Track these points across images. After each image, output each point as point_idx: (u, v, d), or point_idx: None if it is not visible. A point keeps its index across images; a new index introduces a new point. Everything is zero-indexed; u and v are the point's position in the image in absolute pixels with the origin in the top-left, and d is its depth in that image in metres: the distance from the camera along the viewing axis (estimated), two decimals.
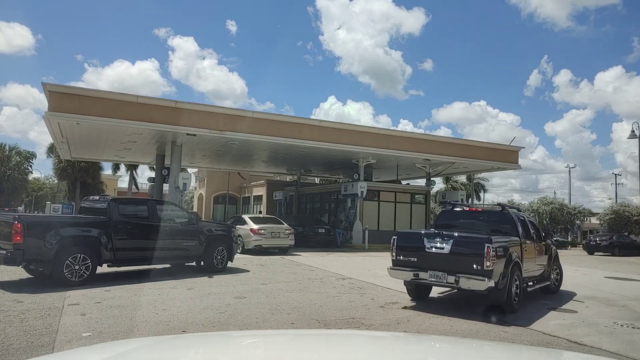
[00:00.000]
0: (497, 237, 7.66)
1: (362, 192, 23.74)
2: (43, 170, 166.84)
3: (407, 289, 8.68)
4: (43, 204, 50.04)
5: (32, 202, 63.71)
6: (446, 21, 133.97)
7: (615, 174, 52.50)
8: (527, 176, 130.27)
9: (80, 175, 40.68)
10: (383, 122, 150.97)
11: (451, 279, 7.39)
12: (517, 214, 9.18)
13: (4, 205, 43.10)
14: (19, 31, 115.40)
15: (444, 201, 27.60)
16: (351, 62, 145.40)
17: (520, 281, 8.02)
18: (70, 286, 8.58)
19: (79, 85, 65.02)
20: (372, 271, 12.80)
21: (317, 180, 41.48)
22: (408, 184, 33.63)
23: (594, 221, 50.54)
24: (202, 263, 11.51)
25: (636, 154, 32.02)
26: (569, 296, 9.93)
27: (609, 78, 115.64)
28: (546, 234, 10.28)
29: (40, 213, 39.51)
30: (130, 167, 44.12)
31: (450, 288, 8.40)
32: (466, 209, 9.79)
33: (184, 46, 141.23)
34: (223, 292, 8.74)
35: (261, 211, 37.10)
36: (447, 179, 47.81)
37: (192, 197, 53.62)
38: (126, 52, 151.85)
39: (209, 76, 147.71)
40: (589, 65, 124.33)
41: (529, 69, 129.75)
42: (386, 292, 9.46)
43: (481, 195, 55.82)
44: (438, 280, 7.57)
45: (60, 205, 35.46)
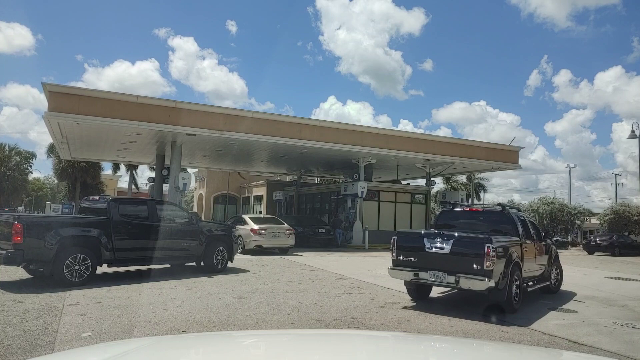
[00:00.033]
0: (497, 237, 7.67)
1: (362, 192, 23.74)
2: (43, 170, 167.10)
3: (407, 289, 8.68)
4: (43, 204, 50.10)
5: (32, 202, 63.73)
6: (446, 21, 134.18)
7: (615, 174, 52.60)
8: (527, 176, 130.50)
9: (80, 175, 40.72)
10: (383, 122, 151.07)
11: (451, 279, 7.39)
12: (517, 214, 9.18)
13: (4, 205, 43.13)
14: (19, 31, 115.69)
15: (444, 201, 27.57)
16: (351, 62, 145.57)
17: (520, 281, 8.02)
18: (70, 286, 8.58)
19: (79, 85, 64.97)
20: (372, 271, 12.80)
21: (317, 180, 41.47)
22: (408, 184, 33.62)
23: (594, 221, 50.56)
24: (202, 263, 11.51)
25: (636, 154, 32.06)
26: (569, 296, 9.94)
27: (609, 78, 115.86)
28: (546, 234, 10.29)
29: (40, 213, 39.51)
30: (130, 167, 44.15)
31: (450, 288, 8.40)
32: (466, 209, 9.78)
33: (184, 46, 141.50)
34: (223, 292, 8.74)
35: (261, 211, 37.12)
36: (447, 179, 47.83)
37: (192, 197, 53.61)
38: (126, 52, 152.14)
39: (209, 76, 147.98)
40: (589, 65, 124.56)
41: (529, 69, 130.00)
42: (386, 292, 9.46)
43: (481, 195, 55.90)
44: (438, 280, 7.57)
45: (60, 205, 35.53)
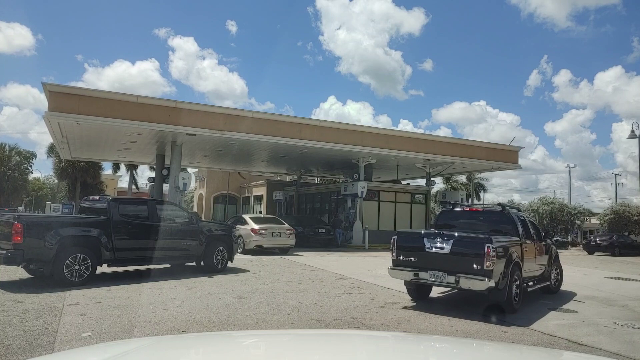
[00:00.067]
0: (498, 237, 7.66)
1: (362, 192, 23.75)
2: (43, 170, 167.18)
3: (407, 289, 8.68)
4: (43, 204, 50.09)
5: (32, 202, 63.73)
6: (446, 21, 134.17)
7: (615, 174, 52.64)
8: (527, 176, 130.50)
9: (80, 175, 40.72)
10: (383, 122, 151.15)
11: (451, 279, 7.39)
12: (517, 214, 9.19)
13: (4, 205, 43.11)
14: (19, 31, 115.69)
15: (444, 201, 27.50)
16: (351, 62, 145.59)
17: (520, 281, 8.02)
18: (70, 286, 8.58)
19: (79, 85, 64.90)
20: (372, 271, 12.80)
21: (317, 180, 41.48)
22: (408, 184, 33.62)
23: (594, 221, 50.56)
24: (202, 263, 11.51)
25: (636, 154, 32.06)
26: (569, 296, 9.93)
27: (609, 78, 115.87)
28: (546, 234, 10.29)
29: (40, 213, 39.51)
30: (130, 167, 44.15)
31: (450, 288, 8.40)
32: (466, 209, 9.79)
33: (184, 46, 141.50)
34: (223, 292, 8.74)
35: (261, 211, 37.12)
36: (447, 179, 47.83)
37: (192, 197, 53.62)
38: (126, 52, 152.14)
39: (209, 76, 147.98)
40: (589, 65, 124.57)
41: (529, 69, 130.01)
42: (386, 292, 9.45)
43: (481, 195, 55.90)
44: (438, 280, 7.57)
45: (60, 205, 35.51)
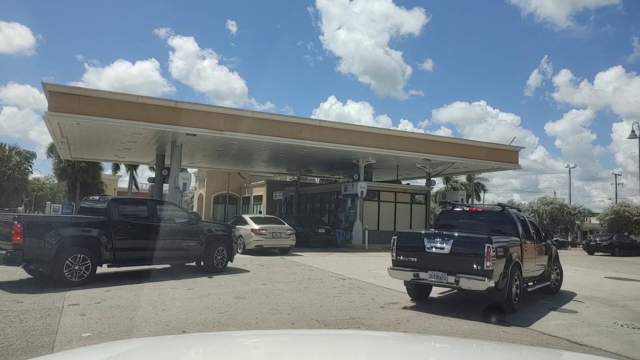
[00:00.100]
0: (497, 237, 7.66)
1: (362, 192, 23.75)
2: (43, 170, 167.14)
3: (407, 289, 8.68)
4: (43, 204, 50.09)
5: (32, 202, 63.71)
6: (446, 21, 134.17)
7: (615, 174, 52.59)
8: (527, 176, 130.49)
9: (80, 175, 40.72)
10: (383, 122, 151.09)
11: (451, 279, 7.39)
12: (517, 214, 9.18)
13: (4, 205, 43.09)
14: (19, 31, 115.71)
15: (444, 201, 27.58)
16: (351, 62, 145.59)
17: (520, 281, 8.01)
18: (70, 286, 8.58)
19: (79, 85, 64.88)
20: (372, 271, 12.80)
21: (317, 180, 41.48)
22: (408, 184, 33.63)
23: (594, 221, 50.54)
24: (202, 263, 11.51)
25: (636, 154, 32.08)
26: (569, 296, 9.93)
27: (609, 78, 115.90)
28: (546, 234, 10.29)
29: (40, 213, 39.51)
30: (130, 167, 44.15)
31: (450, 288, 8.40)
32: (466, 209, 9.78)
33: (184, 46, 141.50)
34: (223, 293, 8.74)
35: (261, 211, 37.12)
36: (447, 179, 47.83)
37: (192, 197, 53.62)
38: (126, 52, 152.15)
39: (209, 76, 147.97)
40: (589, 65, 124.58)
41: (529, 69, 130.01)
42: (386, 292, 9.45)
43: (481, 195, 55.90)
44: (438, 280, 7.57)
45: (60, 205, 35.50)
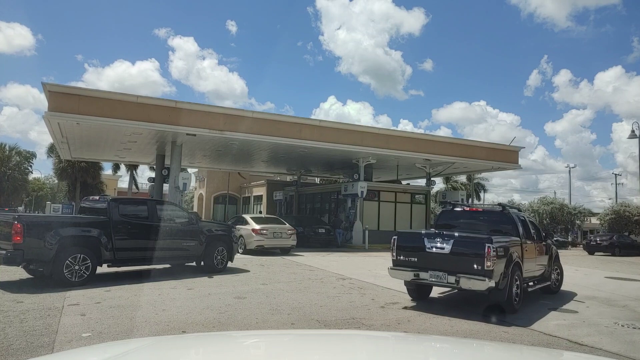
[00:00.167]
0: (498, 237, 7.66)
1: (362, 192, 23.74)
2: (43, 170, 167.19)
3: (408, 289, 8.67)
4: (43, 204, 50.09)
5: (32, 202, 63.69)
6: (446, 21, 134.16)
7: (615, 174, 52.56)
8: (527, 176, 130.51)
9: (80, 175, 40.71)
10: (383, 122, 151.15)
11: (451, 279, 7.39)
12: (518, 214, 9.18)
13: (4, 205, 43.07)
14: (19, 31, 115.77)
15: (444, 201, 27.57)
16: (351, 62, 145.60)
17: (520, 281, 8.01)
18: (70, 286, 8.57)
19: (79, 85, 64.91)
20: (373, 271, 12.79)
21: (317, 180, 41.48)
22: (408, 184, 33.63)
23: (594, 221, 50.54)
24: (202, 263, 11.51)
25: (636, 154, 32.07)
26: (570, 296, 9.92)
27: (609, 78, 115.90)
28: (546, 234, 10.28)
29: (40, 213, 39.49)
30: (130, 167, 44.14)
31: (450, 288, 8.39)
32: (466, 209, 9.77)
33: (184, 46, 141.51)
34: (223, 293, 8.73)
35: (261, 211, 37.12)
36: (447, 179, 47.83)
37: (192, 197, 53.62)
38: (126, 52, 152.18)
39: (209, 76, 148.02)
40: (589, 65, 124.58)
41: (529, 69, 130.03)
42: (386, 292, 9.45)
43: (481, 195, 55.89)
44: (438, 280, 7.56)
45: (60, 205, 35.49)
